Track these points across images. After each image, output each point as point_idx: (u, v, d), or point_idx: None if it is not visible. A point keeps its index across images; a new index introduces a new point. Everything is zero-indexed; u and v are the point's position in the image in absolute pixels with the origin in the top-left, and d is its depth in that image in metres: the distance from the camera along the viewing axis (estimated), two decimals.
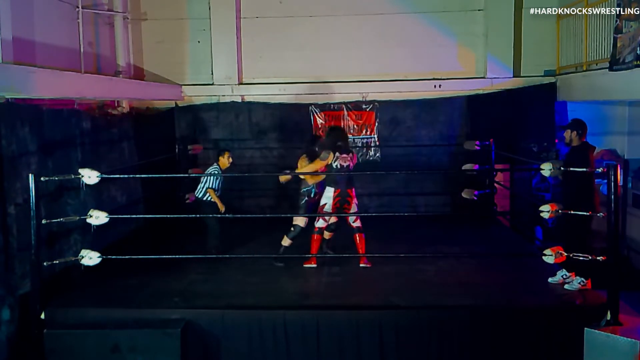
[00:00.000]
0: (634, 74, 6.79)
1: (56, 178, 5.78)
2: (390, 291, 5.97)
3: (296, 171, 7.12)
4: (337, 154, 6.78)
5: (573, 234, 5.94)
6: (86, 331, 5.38)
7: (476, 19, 10.04)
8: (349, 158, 6.87)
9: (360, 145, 9.97)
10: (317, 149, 7.10)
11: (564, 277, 5.99)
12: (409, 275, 6.43)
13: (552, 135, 9.63)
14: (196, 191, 7.45)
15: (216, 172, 7.39)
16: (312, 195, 7.07)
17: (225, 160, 7.46)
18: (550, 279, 6.07)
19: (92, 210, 5.77)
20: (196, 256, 6.87)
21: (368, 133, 9.98)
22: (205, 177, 7.38)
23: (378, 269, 6.61)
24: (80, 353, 5.31)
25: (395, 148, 9.85)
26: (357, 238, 6.85)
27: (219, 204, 7.32)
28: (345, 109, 9.98)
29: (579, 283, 5.84)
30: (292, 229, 7.00)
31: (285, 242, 7.02)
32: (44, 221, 5.51)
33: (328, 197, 6.80)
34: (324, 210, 6.82)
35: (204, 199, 7.34)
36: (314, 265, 6.85)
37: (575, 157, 6.01)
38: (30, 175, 5.39)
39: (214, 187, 7.33)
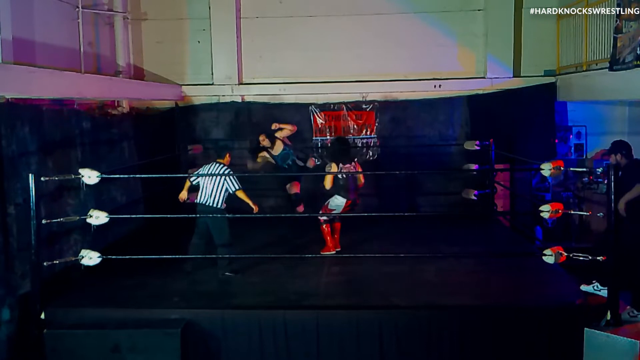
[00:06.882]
0: (634, 74, 6.79)
1: (56, 178, 5.78)
2: (390, 291, 5.97)
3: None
4: (341, 164, 6.92)
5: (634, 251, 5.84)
6: (86, 331, 5.37)
7: (476, 19, 10.03)
8: (352, 167, 7.01)
9: (360, 145, 9.97)
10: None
11: (596, 288, 5.77)
12: (409, 275, 6.42)
13: (552, 135, 9.63)
14: (205, 198, 6.56)
15: (229, 171, 6.65)
16: None
17: (228, 159, 6.87)
18: (582, 287, 5.85)
19: (92, 210, 5.77)
20: (196, 256, 6.86)
21: (368, 133, 9.98)
22: (222, 182, 6.54)
23: (378, 269, 6.59)
24: (80, 353, 5.30)
25: (395, 148, 9.85)
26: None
27: (252, 204, 6.59)
28: (345, 109, 9.97)
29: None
30: None
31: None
32: (44, 221, 5.51)
33: (337, 205, 6.99)
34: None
35: (219, 206, 6.55)
36: (333, 252, 7.07)
37: (627, 175, 5.98)
38: (30, 175, 5.38)
39: (241, 187, 6.57)
